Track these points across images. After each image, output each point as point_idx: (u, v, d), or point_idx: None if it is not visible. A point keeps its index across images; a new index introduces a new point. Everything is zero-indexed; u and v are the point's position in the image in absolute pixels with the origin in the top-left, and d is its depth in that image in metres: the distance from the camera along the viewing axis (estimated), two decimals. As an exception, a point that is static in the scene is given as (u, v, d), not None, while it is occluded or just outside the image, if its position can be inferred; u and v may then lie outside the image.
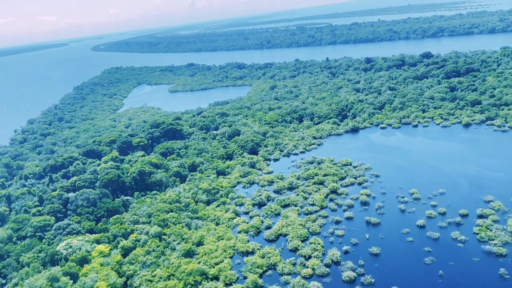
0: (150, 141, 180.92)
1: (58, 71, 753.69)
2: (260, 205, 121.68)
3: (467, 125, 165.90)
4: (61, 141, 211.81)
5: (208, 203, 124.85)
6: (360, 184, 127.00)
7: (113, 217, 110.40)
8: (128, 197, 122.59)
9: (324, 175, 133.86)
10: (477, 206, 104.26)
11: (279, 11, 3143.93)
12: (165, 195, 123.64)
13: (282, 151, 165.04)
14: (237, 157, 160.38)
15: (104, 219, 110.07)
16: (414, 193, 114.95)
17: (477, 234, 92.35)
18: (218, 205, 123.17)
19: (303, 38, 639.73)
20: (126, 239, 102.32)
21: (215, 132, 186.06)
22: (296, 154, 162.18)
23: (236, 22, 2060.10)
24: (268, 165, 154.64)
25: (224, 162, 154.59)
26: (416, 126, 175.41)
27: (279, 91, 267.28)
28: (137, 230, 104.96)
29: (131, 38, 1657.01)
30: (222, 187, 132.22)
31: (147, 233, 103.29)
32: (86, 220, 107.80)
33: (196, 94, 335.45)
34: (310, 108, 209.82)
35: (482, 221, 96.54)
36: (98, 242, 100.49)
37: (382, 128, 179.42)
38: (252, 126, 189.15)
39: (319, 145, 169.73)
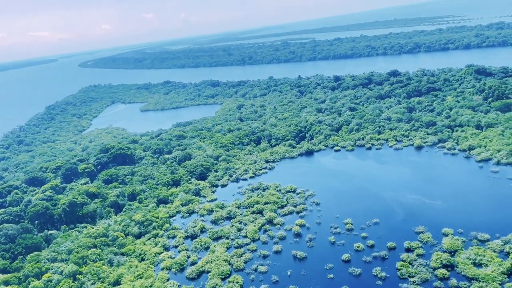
0: (99, 166, 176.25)
1: (39, 89, 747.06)
2: (193, 237, 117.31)
3: (419, 147, 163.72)
4: (13, 166, 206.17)
5: (139, 236, 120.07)
6: (298, 213, 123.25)
7: (31, 254, 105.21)
8: (54, 232, 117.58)
9: (265, 203, 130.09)
10: (406, 238, 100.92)
11: (271, 26, 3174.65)
12: (92, 228, 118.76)
13: (231, 176, 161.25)
14: (184, 184, 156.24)
15: (21, 256, 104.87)
16: (348, 223, 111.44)
17: (399, 270, 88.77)
18: (149, 238, 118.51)
19: (284, 54, 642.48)
20: (39, 279, 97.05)
21: (167, 156, 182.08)
22: (245, 180, 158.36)
23: (227, 36, 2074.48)
24: (213, 192, 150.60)
25: (168, 190, 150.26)
26: (369, 148, 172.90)
27: (244, 111, 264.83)
28: (52, 269, 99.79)
29: (120, 54, 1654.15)
30: (157, 218, 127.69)
31: (61, 272, 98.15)
32: (0, 259, 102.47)
33: (167, 113, 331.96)
34: (269, 129, 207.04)
35: (406, 256, 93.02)
36: (7, 283, 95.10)
37: (336, 150, 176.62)
38: (206, 150, 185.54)
39: (270, 169, 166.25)
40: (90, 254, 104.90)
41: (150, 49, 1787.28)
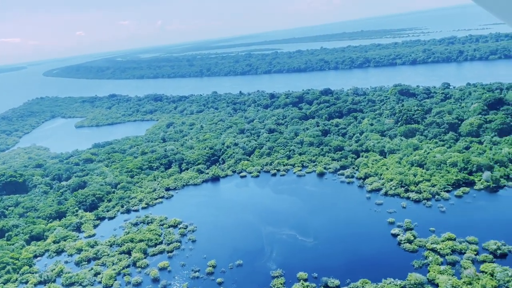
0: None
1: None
2: (46, 283, 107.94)
3: (321, 174, 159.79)
4: None
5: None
6: (169, 252, 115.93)
7: None
8: None
9: (140, 241, 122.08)
10: (260, 284, 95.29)
11: (246, 35, 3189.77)
12: None
13: (123, 206, 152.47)
14: (68, 216, 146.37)
15: None
16: (210, 266, 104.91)
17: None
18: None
19: (241, 67, 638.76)
20: None
21: (63, 183, 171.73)
22: (137, 211, 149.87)
23: (201, 45, 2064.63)
24: (96, 226, 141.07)
25: (47, 224, 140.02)
26: (274, 175, 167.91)
27: (171, 130, 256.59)
28: None
29: (89, 62, 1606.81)
30: (17, 259, 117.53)
31: None
32: None
33: (100, 130, 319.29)
34: (183, 152, 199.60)
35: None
36: None
37: (242, 177, 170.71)
38: (107, 175, 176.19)
39: (167, 198, 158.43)
40: None
41: (121, 57, 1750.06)
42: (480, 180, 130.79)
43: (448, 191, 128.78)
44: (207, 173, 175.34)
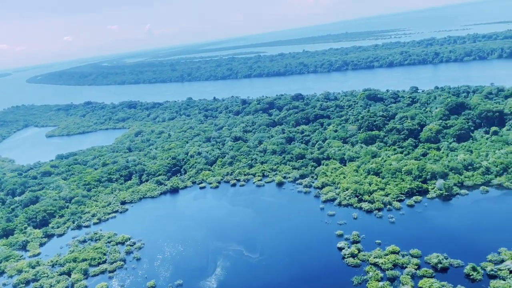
0: None
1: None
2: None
3: (280, 184, 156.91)
4: None
5: None
6: (110, 272, 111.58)
7: None
8: None
9: (83, 260, 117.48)
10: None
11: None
12: None
13: (74, 222, 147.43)
14: (16, 233, 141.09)
15: None
16: (149, 286, 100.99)
17: None
18: None
19: (221, 71, 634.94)
20: None
21: (16, 198, 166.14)
22: (88, 227, 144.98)
23: (190, 48, 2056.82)
24: (43, 244, 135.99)
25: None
26: (234, 185, 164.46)
27: (137, 140, 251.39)
28: None
29: (74, 68, 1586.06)
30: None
31: None
32: None
33: (71, 140, 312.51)
34: (145, 162, 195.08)
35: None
36: None
37: (201, 188, 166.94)
38: (63, 189, 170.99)
39: (122, 212, 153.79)
40: None
41: (108, 62, 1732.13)
42: (433, 189, 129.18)
43: (401, 200, 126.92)
44: (166, 185, 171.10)
